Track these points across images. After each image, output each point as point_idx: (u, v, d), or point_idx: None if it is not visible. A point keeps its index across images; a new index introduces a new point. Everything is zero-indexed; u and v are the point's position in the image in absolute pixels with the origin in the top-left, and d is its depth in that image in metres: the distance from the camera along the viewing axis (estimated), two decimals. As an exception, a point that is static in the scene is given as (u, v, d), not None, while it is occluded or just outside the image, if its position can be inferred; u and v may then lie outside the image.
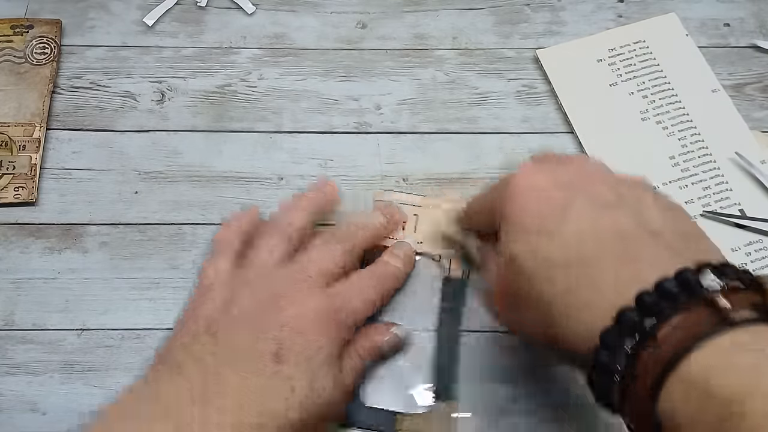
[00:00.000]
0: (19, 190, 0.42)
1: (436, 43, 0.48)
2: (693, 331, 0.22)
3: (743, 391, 0.20)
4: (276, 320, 0.31)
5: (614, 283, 0.25)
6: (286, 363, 0.30)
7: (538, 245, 0.27)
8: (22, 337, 0.38)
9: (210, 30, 0.48)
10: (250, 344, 0.31)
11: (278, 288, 0.33)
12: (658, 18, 0.48)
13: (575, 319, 0.25)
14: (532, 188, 0.29)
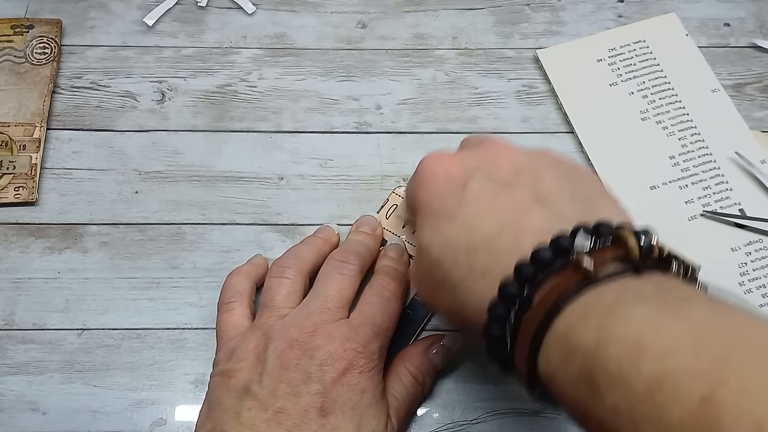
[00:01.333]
0: (20, 190, 0.42)
1: (436, 43, 0.48)
2: (560, 292, 0.23)
3: (598, 339, 0.21)
4: (312, 369, 0.31)
5: (502, 257, 0.26)
6: (332, 414, 0.30)
7: (443, 229, 0.28)
8: (22, 337, 0.38)
9: (210, 30, 0.48)
10: (294, 401, 0.30)
11: (304, 330, 0.32)
12: (658, 18, 0.48)
13: (474, 296, 0.26)
14: (437, 173, 0.30)
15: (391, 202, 0.42)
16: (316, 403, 0.30)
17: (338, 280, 0.35)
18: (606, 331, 0.21)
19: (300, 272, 0.36)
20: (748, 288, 0.39)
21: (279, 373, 0.31)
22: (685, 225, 0.41)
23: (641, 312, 0.21)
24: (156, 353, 0.38)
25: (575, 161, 0.31)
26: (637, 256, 0.23)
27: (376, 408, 0.31)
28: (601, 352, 0.20)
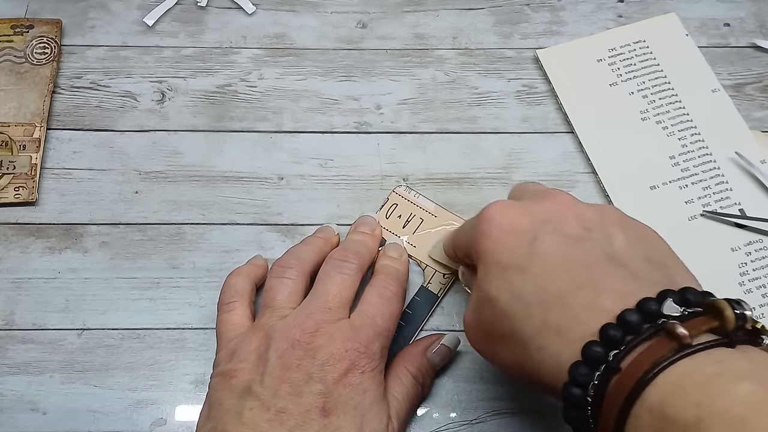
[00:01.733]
0: (20, 190, 0.42)
1: (436, 43, 0.48)
2: (653, 359, 0.22)
3: (699, 414, 0.20)
4: (314, 369, 0.31)
5: (581, 316, 0.25)
6: (334, 414, 0.30)
7: (512, 281, 0.27)
8: (22, 337, 0.38)
9: (210, 30, 0.48)
10: (296, 401, 0.30)
11: (305, 330, 0.32)
12: (658, 18, 0.48)
13: (549, 355, 0.25)
14: (503, 223, 0.29)
15: (391, 201, 0.42)
16: (318, 403, 0.30)
17: (338, 280, 0.34)
18: (708, 408, 0.20)
19: (301, 272, 0.36)
20: (748, 288, 0.39)
21: (281, 373, 0.31)
22: (685, 225, 0.41)
23: (744, 389, 0.20)
24: (156, 353, 0.38)
25: (639, 220, 0.30)
26: (732, 327, 0.23)
27: (377, 408, 0.31)
28: (702, 429, 0.20)
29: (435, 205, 0.41)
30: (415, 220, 0.41)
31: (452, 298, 0.40)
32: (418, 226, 0.41)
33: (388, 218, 0.41)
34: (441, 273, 0.40)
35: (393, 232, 0.40)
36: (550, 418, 0.37)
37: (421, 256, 0.40)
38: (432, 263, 0.40)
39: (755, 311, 0.39)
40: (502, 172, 0.43)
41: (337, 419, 0.30)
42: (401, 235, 0.40)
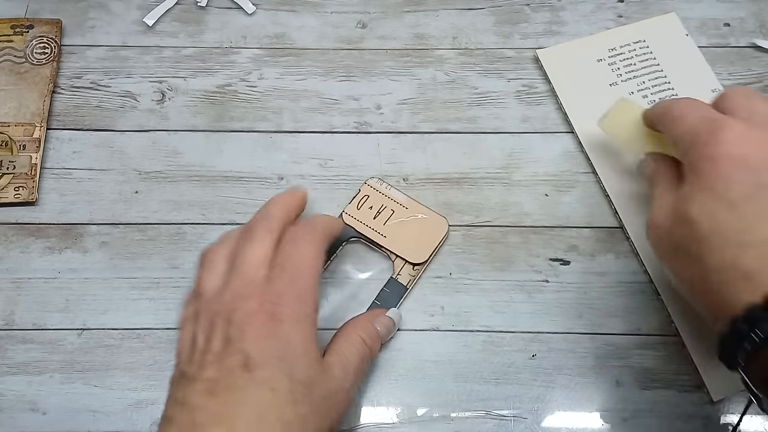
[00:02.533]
0: (20, 190, 0.42)
1: (436, 43, 0.48)
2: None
3: None
4: (231, 332, 0.30)
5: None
6: (258, 368, 0.29)
7: (719, 213, 0.28)
8: (22, 337, 0.38)
9: (210, 30, 0.48)
10: (219, 367, 0.30)
11: (223, 302, 0.32)
12: (658, 18, 0.48)
13: (730, 291, 0.27)
14: (735, 156, 0.29)
15: (362, 193, 0.42)
16: (239, 361, 0.30)
17: (248, 247, 0.33)
18: None
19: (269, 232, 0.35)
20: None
21: (204, 347, 0.31)
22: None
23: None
24: (156, 353, 0.38)
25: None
26: None
27: (308, 358, 0.31)
28: None
29: (406, 197, 0.42)
30: (386, 211, 0.41)
31: (420, 291, 0.40)
32: (389, 217, 0.41)
33: (359, 209, 0.41)
34: (411, 265, 0.40)
35: (364, 222, 0.41)
36: (550, 418, 0.37)
37: (392, 247, 0.40)
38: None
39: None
40: (502, 172, 0.43)
41: (263, 372, 0.29)
42: (372, 226, 0.41)
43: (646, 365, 0.38)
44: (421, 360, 0.38)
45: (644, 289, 0.40)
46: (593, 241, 0.41)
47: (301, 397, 0.30)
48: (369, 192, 0.42)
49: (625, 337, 0.39)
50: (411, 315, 0.39)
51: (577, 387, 0.38)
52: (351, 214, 0.41)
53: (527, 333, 0.39)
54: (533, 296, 0.40)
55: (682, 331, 0.38)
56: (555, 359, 0.38)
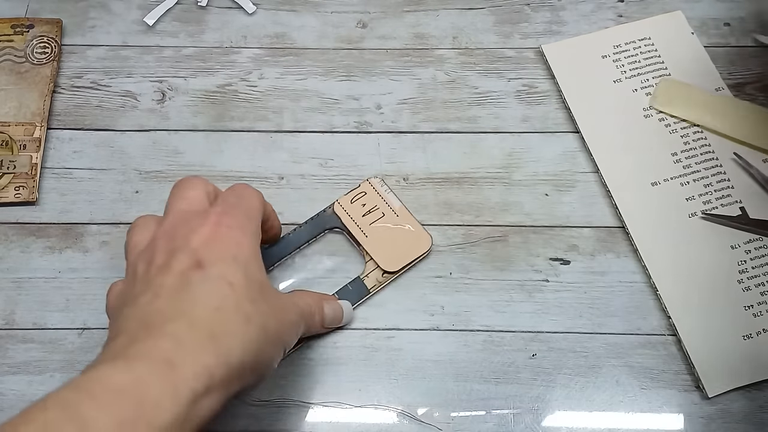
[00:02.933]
0: (20, 190, 0.42)
1: (436, 42, 0.48)
2: None
3: None
4: (176, 244, 0.29)
5: None
6: (212, 265, 0.28)
7: None
8: (22, 337, 0.38)
9: (210, 29, 0.48)
10: (166, 274, 0.28)
11: (165, 226, 0.31)
12: (664, 15, 0.48)
13: None
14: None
15: (361, 188, 0.42)
16: (188, 263, 0.28)
17: (183, 193, 0.33)
18: None
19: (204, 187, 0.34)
20: (747, 286, 0.39)
21: (146, 268, 0.29)
22: (686, 222, 0.41)
23: None
24: (156, 352, 0.38)
25: None
26: None
27: (258, 263, 0.30)
28: None
29: (401, 205, 0.41)
30: (377, 212, 0.41)
31: (383, 297, 0.40)
32: (377, 219, 0.41)
33: (352, 203, 0.41)
34: (381, 270, 0.40)
35: (351, 216, 0.41)
36: (550, 417, 0.37)
37: (369, 248, 0.40)
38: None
39: (753, 308, 0.39)
40: (502, 171, 0.43)
41: (217, 268, 0.28)
42: (358, 222, 0.40)
43: (646, 365, 0.38)
44: (421, 360, 0.38)
45: (644, 288, 0.40)
46: (593, 241, 0.41)
47: (259, 296, 0.29)
48: (367, 189, 0.42)
49: (625, 336, 0.39)
50: (411, 315, 0.39)
51: (577, 387, 0.38)
52: (343, 205, 0.41)
53: (527, 332, 0.39)
54: (533, 296, 0.40)
55: (681, 330, 0.38)
56: (555, 359, 0.38)
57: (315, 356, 0.38)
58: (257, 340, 0.28)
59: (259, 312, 0.29)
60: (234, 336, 0.27)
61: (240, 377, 0.27)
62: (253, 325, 0.28)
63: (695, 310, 0.39)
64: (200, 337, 0.26)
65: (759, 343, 0.38)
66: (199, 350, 0.26)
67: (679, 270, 0.40)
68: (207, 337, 0.26)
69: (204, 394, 0.25)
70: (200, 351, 0.26)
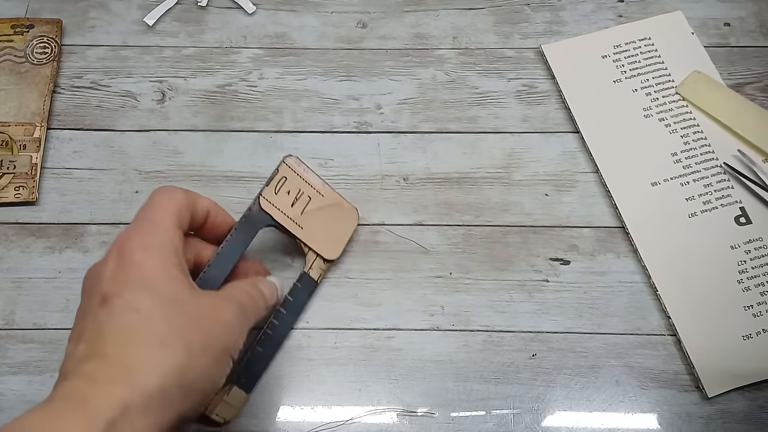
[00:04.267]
0: (20, 190, 0.42)
1: (436, 42, 0.48)
2: None
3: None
4: (92, 284, 0.30)
5: None
6: (118, 296, 0.28)
7: None
8: (22, 337, 0.38)
9: (210, 30, 0.48)
10: (82, 317, 0.29)
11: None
12: (664, 16, 0.48)
13: None
14: None
15: (280, 174, 0.39)
16: (97, 300, 0.28)
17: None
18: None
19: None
20: (747, 286, 0.39)
21: (77, 314, 0.30)
22: (686, 221, 0.41)
23: None
24: (156, 353, 0.38)
25: None
26: None
27: (169, 277, 0.30)
28: None
29: (322, 182, 0.40)
30: (303, 198, 0.39)
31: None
32: (305, 206, 0.39)
33: (277, 194, 0.38)
34: (322, 260, 0.39)
35: (281, 209, 0.38)
36: (550, 417, 0.37)
37: (307, 240, 0.39)
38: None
39: (753, 309, 0.39)
40: (502, 171, 0.43)
41: (122, 298, 0.28)
42: (289, 215, 0.38)
43: (645, 365, 0.38)
44: (421, 360, 0.38)
45: (644, 289, 0.40)
46: (593, 241, 0.41)
47: (174, 312, 0.28)
48: (287, 173, 0.39)
49: (625, 336, 0.39)
50: (411, 315, 0.39)
51: (577, 387, 0.38)
52: (269, 199, 0.38)
53: (527, 333, 0.39)
54: (533, 296, 0.40)
55: (681, 331, 0.38)
56: (555, 359, 0.38)
57: (315, 357, 0.38)
58: (177, 363, 0.27)
59: (176, 331, 0.28)
60: (147, 364, 0.27)
61: (168, 401, 0.27)
62: (169, 348, 0.27)
63: (695, 310, 0.39)
64: (113, 372, 0.27)
65: (759, 343, 0.38)
66: (112, 384, 0.26)
67: (679, 270, 0.40)
68: (120, 371, 0.27)
69: (122, 421, 0.25)
70: (112, 385, 0.26)
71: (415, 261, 0.41)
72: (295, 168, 0.39)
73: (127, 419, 0.25)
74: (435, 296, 0.40)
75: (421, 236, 0.42)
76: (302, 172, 0.40)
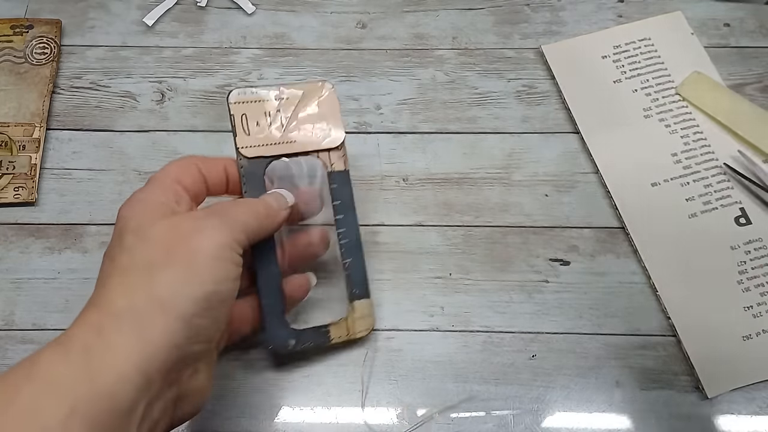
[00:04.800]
0: (19, 190, 0.42)
1: (436, 43, 0.48)
2: None
3: None
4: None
5: None
6: (125, 234, 0.29)
7: None
8: (22, 337, 0.38)
9: (210, 30, 0.48)
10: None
11: None
12: (664, 16, 0.48)
13: None
14: None
15: (236, 115, 0.35)
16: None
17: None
18: None
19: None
20: (747, 287, 0.39)
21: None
22: (686, 222, 0.41)
23: None
24: (156, 353, 0.38)
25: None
26: None
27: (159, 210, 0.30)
28: None
29: (276, 88, 0.36)
30: (274, 114, 0.36)
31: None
32: (281, 120, 0.36)
33: (249, 134, 0.35)
34: (334, 150, 0.37)
35: (266, 143, 0.35)
36: (550, 418, 0.37)
37: (308, 146, 0.36)
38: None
39: (753, 309, 0.39)
40: (502, 172, 0.43)
41: (127, 238, 0.29)
42: (277, 141, 0.35)
43: (645, 365, 0.38)
44: (421, 360, 0.38)
45: (644, 289, 0.40)
46: (593, 241, 0.41)
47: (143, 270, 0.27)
48: (242, 110, 0.35)
49: (625, 337, 0.39)
50: (411, 315, 0.39)
51: (577, 387, 0.38)
52: (247, 144, 0.35)
53: (527, 333, 0.39)
54: (533, 296, 0.40)
55: (681, 331, 0.38)
56: (555, 359, 0.38)
57: (316, 357, 0.38)
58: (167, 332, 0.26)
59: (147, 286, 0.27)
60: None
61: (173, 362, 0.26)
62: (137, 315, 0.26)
63: (695, 310, 0.39)
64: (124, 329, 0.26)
65: (758, 344, 0.38)
66: (123, 341, 0.25)
67: (679, 271, 0.40)
68: (131, 331, 0.26)
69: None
70: (124, 342, 0.25)
71: (415, 261, 0.41)
72: (244, 99, 0.35)
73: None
74: (435, 297, 0.40)
75: (421, 237, 0.42)
76: (252, 96, 0.36)
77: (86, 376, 0.24)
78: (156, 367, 0.25)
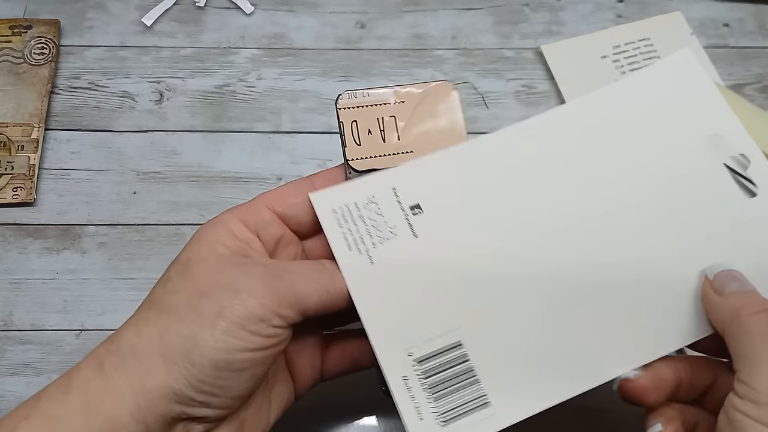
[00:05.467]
0: (18, 191, 0.42)
1: (435, 43, 0.48)
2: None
3: None
4: None
5: None
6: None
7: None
8: (20, 338, 0.38)
9: (208, 30, 0.48)
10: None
11: None
12: (663, 16, 0.48)
13: None
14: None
15: (346, 121, 0.30)
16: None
17: None
18: None
19: None
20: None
21: None
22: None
23: None
24: (154, 354, 0.38)
25: None
26: None
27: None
28: None
29: (391, 89, 0.31)
30: (388, 122, 0.30)
31: None
32: (396, 127, 0.30)
33: (360, 144, 0.30)
34: None
35: (378, 154, 0.30)
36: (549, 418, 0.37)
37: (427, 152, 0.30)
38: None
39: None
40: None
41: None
42: (389, 151, 0.30)
43: (644, 366, 0.38)
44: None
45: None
46: (592, 242, 0.41)
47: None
48: (352, 116, 0.30)
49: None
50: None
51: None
52: (357, 156, 0.30)
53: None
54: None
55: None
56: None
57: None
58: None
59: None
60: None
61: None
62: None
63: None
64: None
65: None
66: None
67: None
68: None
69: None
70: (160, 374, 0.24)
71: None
72: (354, 102, 0.30)
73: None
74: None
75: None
76: (364, 99, 0.30)
77: (83, 417, 0.23)
78: (154, 419, 0.24)
